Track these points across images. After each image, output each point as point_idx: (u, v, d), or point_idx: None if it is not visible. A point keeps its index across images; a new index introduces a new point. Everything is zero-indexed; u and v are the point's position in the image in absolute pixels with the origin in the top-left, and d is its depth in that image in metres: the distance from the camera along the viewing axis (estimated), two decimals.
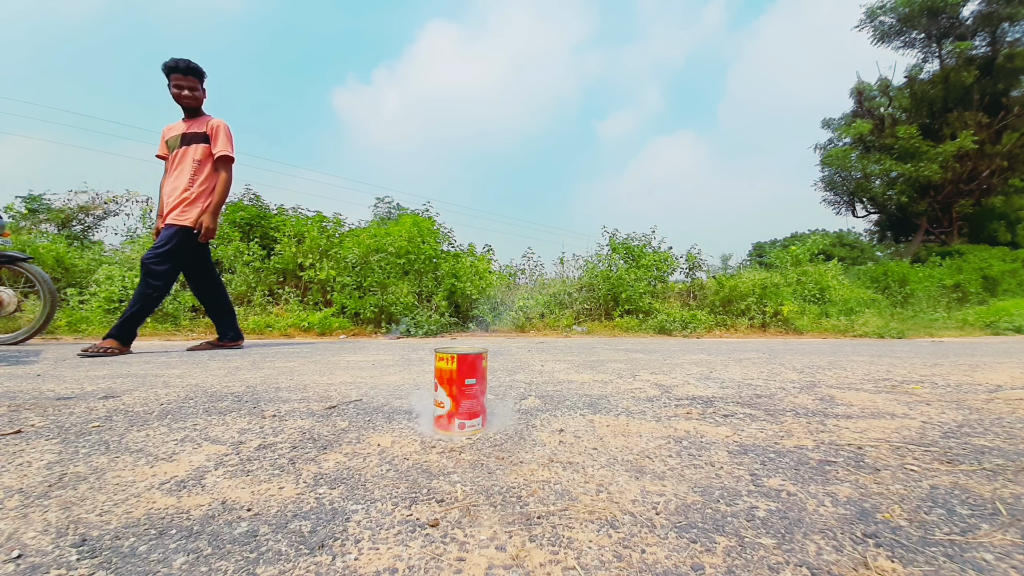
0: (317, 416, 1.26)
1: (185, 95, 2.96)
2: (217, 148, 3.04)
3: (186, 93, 2.96)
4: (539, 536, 0.62)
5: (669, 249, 7.30)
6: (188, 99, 2.98)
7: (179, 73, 2.93)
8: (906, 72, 14.12)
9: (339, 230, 6.38)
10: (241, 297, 5.50)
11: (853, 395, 1.59)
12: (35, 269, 3.43)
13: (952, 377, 2.02)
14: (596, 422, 1.21)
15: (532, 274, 7.69)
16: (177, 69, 2.92)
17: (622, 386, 1.77)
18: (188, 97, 2.97)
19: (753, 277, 6.74)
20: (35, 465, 0.88)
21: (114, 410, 1.32)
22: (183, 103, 3.00)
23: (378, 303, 5.39)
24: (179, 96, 2.96)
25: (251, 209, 6.30)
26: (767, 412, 1.34)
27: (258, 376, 1.98)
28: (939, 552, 0.59)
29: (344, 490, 0.77)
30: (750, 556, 0.57)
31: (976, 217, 14.03)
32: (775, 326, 6.26)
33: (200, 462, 0.90)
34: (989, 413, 1.34)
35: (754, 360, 2.72)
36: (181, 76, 2.94)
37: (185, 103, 3.00)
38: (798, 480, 0.82)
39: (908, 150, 12.79)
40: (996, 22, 12.61)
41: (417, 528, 0.64)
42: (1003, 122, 12.91)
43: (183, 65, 2.93)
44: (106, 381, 1.81)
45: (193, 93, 2.99)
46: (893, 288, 8.52)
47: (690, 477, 0.83)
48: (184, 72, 2.93)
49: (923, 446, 1.02)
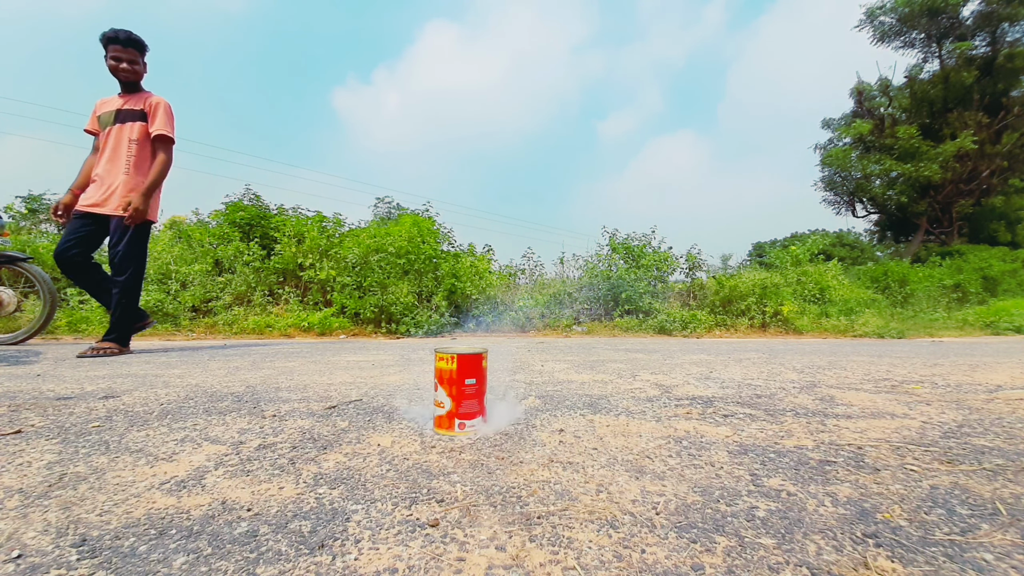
0: (317, 416, 1.26)
1: (123, 67, 2.77)
2: (155, 127, 2.83)
3: (124, 66, 2.77)
4: (539, 536, 0.62)
5: (669, 249, 7.30)
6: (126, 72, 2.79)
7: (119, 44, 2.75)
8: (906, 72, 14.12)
9: (339, 230, 6.38)
10: (241, 297, 5.51)
11: (853, 395, 1.59)
12: (35, 269, 3.43)
13: (952, 377, 2.02)
14: (596, 422, 1.21)
15: (532, 274, 7.69)
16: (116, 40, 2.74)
17: (622, 386, 1.77)
18: (126, 70, 2.78)
19: (753, 277, 6.74)
20: (35, 465, 0.88)
21: (114, 410, 1.32)
22: (120, 76, 2.80)
23: (378, 303, 5.38)
24: (116, 69, 2.77)
25: (251, 209, 6.30)
26: (767, 412, 1.34)
27: (258, 376, 1.98)
28: (939, 552, 0.59)
29: (344, 490, 0.77)
30: (750, 556, 0.57)
31: (976, 217, 14.03)
32: (775, 326, 6.26)
33: (200, 462, 0.90)
34: (989, 413, 1.34)
35: (754, 360, 2.72)
36: (120, 47, 2.75)
37: (122, 76, 2.80)
38: (798, 480, 0.82)
39: (908, 150, 12.80)
40: (996, 22, 12.61)
41: (417, 528, 0.64)
42: (1003, 122, 12.91)
43: (123, 36, 2.75)
44: (106, 381, 1.81)
45: (132, 66, 2.80)
46: (893, 288, 8.52)
47: (690, 477, 0.83)
48: (124, 43, 2.76)
49: (923, 446, 1.02)
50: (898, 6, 13.07)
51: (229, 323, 5.04)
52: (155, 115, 2.85)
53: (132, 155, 2.81)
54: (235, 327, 4.99)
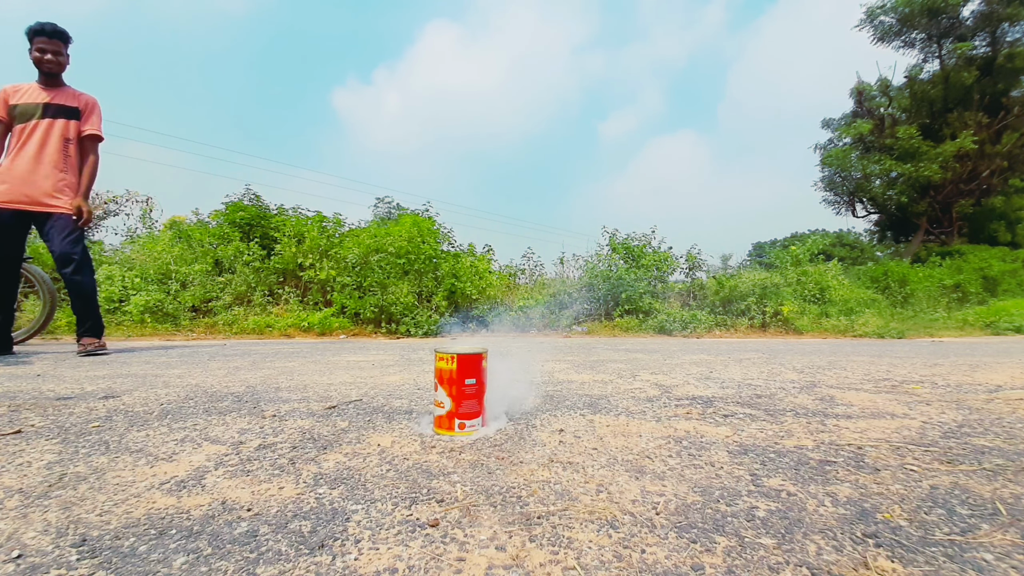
0: (317, 416, 1.26)
1: (48, 59, 2.78)
2: (92, 127, 2.87)
3: (49, 57, 2.78)
4: (539, 536, 0.62)
5: (669, 249, 7.31)
6: (51, 63, 2.80)
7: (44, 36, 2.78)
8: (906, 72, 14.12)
9: (339, 230, 6.38)
10: (241, 297, 5.51)
11: (853, 395, 1.59)
12: (35, 269, 3.42)
13: (952, 377, 2.02)
14: (596, 422, 1.21)
15: (532, 274, 7.70)
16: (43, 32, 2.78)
17: (622, 386, 1.77)
18: (52, 61, 2.79)
19: (753, 277, 6.74)
20: (35, 465, 0.88)
21: (114, 410, 1.32)
22: (45, 67, 2.80)
23: (378, 303, 5.39)
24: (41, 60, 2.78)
25: (251, 209, 6.30)
26: (767, 412, 1.34)
27: (258, 376, 1.98)
28: (939, 552, 0.59)
29: (344, 490, 0.77)
30: (750, 556, 0.57)
31: (976, 217, 14.03)
32: (775, 326, 6.26)
33: (200, 462, 0.90)
34: (989, 413, 1.34)
35: (754, 360, 2.72)
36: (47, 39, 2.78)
37: (47, 68, 2.81)
38: (798, 480, 0.82)
39: (908, 150, 12.79)
40: (996, 22, 12.60)
41: (417, 528, 0.64)
42: (1003, 122, 12.91)
43: (49, 28, 2.79)
44: (106, 381, 1.81)
45: (57, 57, 2.82)
46: (893, 288, 8.52)
47: (690, 477, 0.83)
48: (50, 35, 2.79)
49: (923, 446, 1.02)
50: (898, 6, 13.07)
51: (229, 323, 5.04)
52: (91, 115, 2.89)
53: (69, 155, 2.83)
54: (235, 327, 4.99)
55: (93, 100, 2.91)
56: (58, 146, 2.79)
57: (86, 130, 2.86)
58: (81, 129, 2.86)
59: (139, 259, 5.63)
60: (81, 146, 2.88)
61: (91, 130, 2.87)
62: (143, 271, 5.36)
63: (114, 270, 5.18)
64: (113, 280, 5.03)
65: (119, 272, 5.15)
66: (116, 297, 4.90)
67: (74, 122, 2.84)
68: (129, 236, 6.94)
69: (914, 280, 8.81)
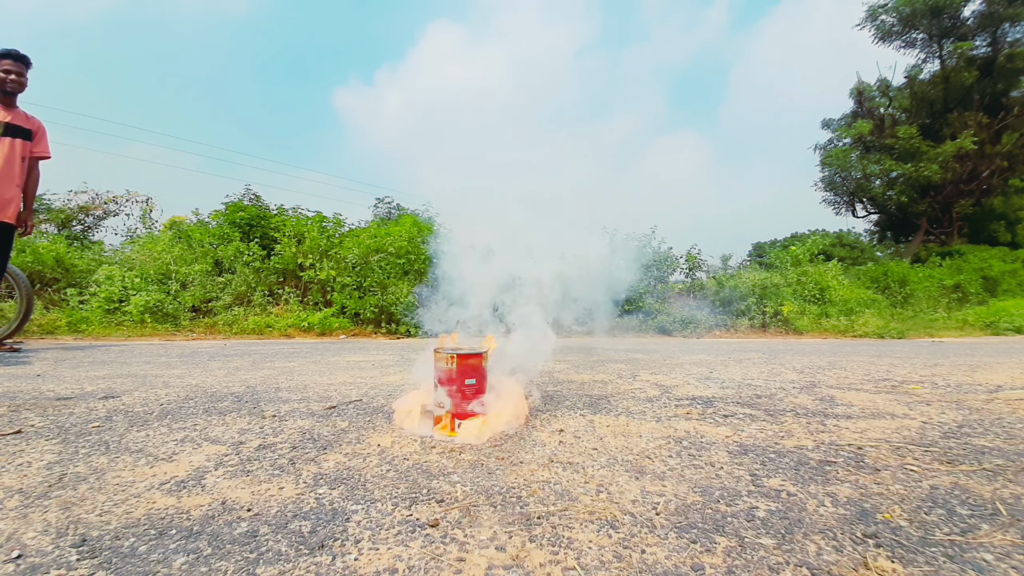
0: (317, 416, 1.26)
1: (12, 79, 3.06)
2: (44, 150, 3.20)
3: (13, 78, 3.06)
4: (539, 536, 0.62)
5: (669, 249, 7.30)
6: (14, 84, 3.09)
7: (11, 59, 3.06)
8: (906, 72, 14.11)
9: (339, 230, 6.38)
10: (241, 297, 5.50)
11: (853, 395, 1.59)
12: (13, 269, 3.41)
13: (952, 377, 2.02)
14: (596, 422, 1.21)
15: None
16: (9, 55, 3.08)
17: (622, 386, 1.77)
18: (15, 82, 3.08)
19: (753, 277, 6.74)
20: (35, 465, 0.88)
21: (114, 410, 1.32)
22: (8, 87, 3.09)
23: (378, 303, 5.38)
24: (5, 80, 3.05)
25: (251, 209, 6.29)
26: (767, 412, 1.34)
27: (258, 376, 1.98)
28: (939, 552, 0.59)
29: (344, 490, 0.77)
30: (750, 556, 0.57)
31: (976, 217, 14.02)
32: (775, 326, 6.26)
33: (200, 462, 0.90)
34: (989, 413, 1.34)
35: (754, 360, 2.72)
36: (12, 62, 3.06)
37: (11, 87, 3.09)
38: (798, 480, 0.82)
39: (908, 150, 12.79)
40: (997, 22, 12.60)
41: (417, 528, 0.64)
42: (1003, 122, 12.90)
43: (15, 53, 3.10)
44: (106, 381, 1.81)
45: (19, 79, 3.10)
46: (893, 288, 8.52)
47: (690, 477, 0.83)
48: (15, 58, 3.08)
49: (923, 446, 1.02)
50: (899, 5, 13.06)
51: (229, 323, 5.03)
52: (43, 138, 3.21)
53: (23, 172, 3.13)
54: (235, 327, 4.99)
55: (42, 124, 3.24)
56: (17, 165, 3.08)
57: (39, 153, 3.19)
58: (35, 151, 3.17)
59: (139, 259, 5.63)
60: (31, 167, 3.19)
61: (46, 153, 3.22)
62: (143, 271, 5.36)
63: (114, 270, 5.18)
64: (113, 280, 5.03)
65: (119, 272, 5.15)
66: (116, 297, 4.89)
67: (27, 143, 3.13)
68: (129, 236, 6.94)
69: (914, 280, 8.81)
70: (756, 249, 15.75)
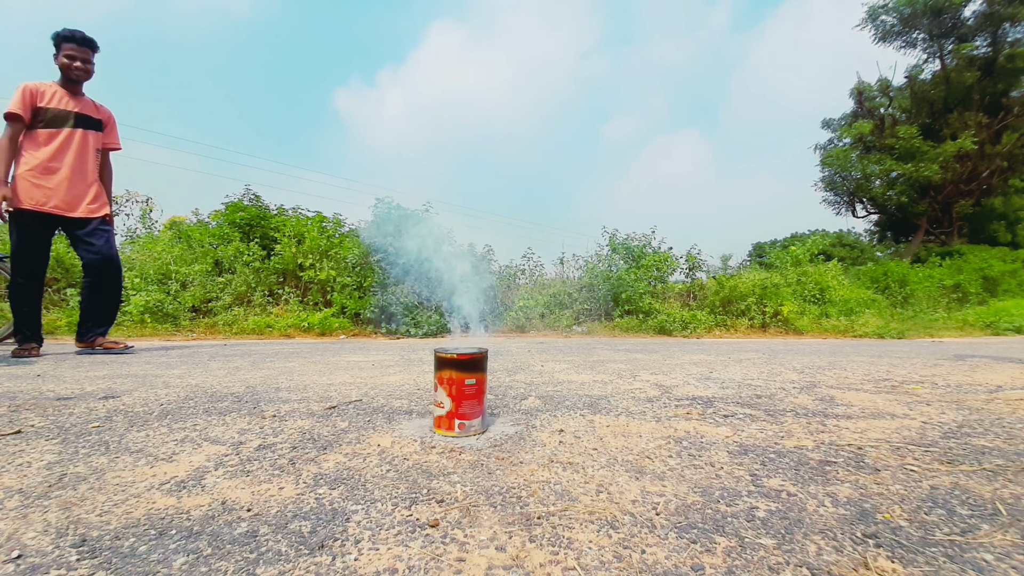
0: (317, 416, 1.26)
1: (77, 66, 2.77)
2: (116, 141, 3.04)
3: (78, 64, 2.77)
4: (539, 536, 0.62)
5: (669, 249, 7.29)
6: (81, 71, 2.79)
7: (75, 43, 2.76)
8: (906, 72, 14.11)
9: (339, 230, 6.38)
10: (241, 297, 5.50)
11: (853, 395, 1.59)
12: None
13: (952, 377, 2.02)
14: (596, 422, 1.21)
15: (532, 274, 7.68)
16: (73, 39, 2.76)
17: (622, 386, 1.77)
18: (81, 69, 2.79)
19: (753, 277, 6.74)
20: (35, 465, 0.88)
21: (114, 410, 1.32)
22: (74, 75, 2.78)
23: (378, 303, 5.39)
24: (70, 67, 2.76)
25: (251, 209, 6.29)
26: (767, 412, 1.34)
27: (258, 376, 1.98)
28: (939, 552, 0.59)
29: (344, 490, 0.77)
30: (750, 556, 0.57)
31: (976, 217, 14.03)
32: (775, 326, 6.26)
33: (200, 462, 0.90)
34: (989, 413, 1.34)
35: (754, 360, 2.72)
36: (76, 46, 2.76)
37: (76, 75, 2.79)
38: (798, 480, 0.82)
39: (908, 150, 12.79)
40: (997, 22, 12.60)
41: (417, 528, 0.64)
42: (1003, 122, 12.90)
43: (79, 36, 2.77)
44: (106, 381, 1.81)
45: (86, 66, 2.81)
46: (893, 288, 8.52)
47: (690, 477, 0.83)
48: (80, 43, 2.77)
49: (923, 446, 1.02)
50: (899, 6, 13.07)
51: (229, 323, 5.03)
52: (114, 128, 3.04)
53: (97, 165, 2.95)
54: (235, 327, 4.99)
55: (112, 114, 3.05)
56: (94, 156, 2.91)
57: (111, 144, 3.03)
58: (106, 142, 3.00)
59: (139, 259, 5.62)
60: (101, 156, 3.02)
61: (118, 145, 3.06)
62: (143, 271, 5.36)
63: None
64: None
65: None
66: None
67: (100, 134, 2.95)
68: (129, 236, 6.94)
69: (914, 280, 8.81)
70: (756, 249, 15.76)
